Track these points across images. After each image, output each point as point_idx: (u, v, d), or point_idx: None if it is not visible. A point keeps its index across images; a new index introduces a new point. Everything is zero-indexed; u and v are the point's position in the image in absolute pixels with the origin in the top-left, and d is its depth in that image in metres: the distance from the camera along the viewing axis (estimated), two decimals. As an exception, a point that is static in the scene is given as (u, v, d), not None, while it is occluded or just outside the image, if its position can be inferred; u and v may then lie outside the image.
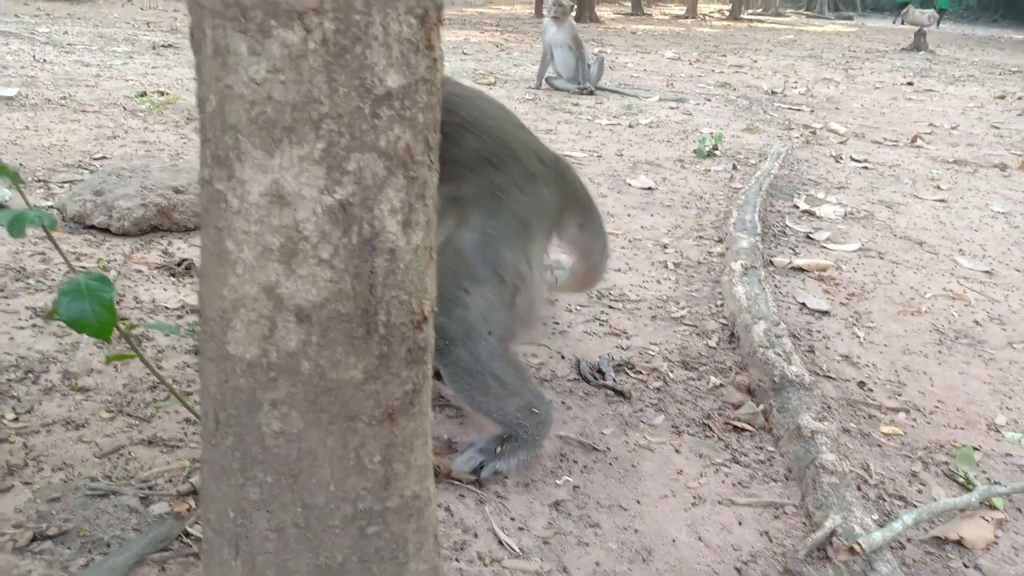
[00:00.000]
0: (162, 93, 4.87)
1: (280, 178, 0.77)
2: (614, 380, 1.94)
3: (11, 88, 4.55)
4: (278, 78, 0.74)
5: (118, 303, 2.13)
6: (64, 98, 4.52)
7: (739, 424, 1.76)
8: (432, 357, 0.92)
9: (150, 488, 1.39)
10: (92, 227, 2.61)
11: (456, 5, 20.52)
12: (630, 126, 5.43)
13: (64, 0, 11.20)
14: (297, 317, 0.80)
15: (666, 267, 2.79)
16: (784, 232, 3.31)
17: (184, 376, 1.79)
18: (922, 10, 21.02)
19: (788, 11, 33.22)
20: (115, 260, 2.40)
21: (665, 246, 3.01)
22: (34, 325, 1.96)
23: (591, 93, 6.71)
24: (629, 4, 25.38)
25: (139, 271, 2.35)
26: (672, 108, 6.32)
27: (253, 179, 0.77)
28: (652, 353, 2.13)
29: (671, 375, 2.01)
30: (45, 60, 5.76)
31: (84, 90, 4.81)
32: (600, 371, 1.99)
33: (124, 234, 2.59)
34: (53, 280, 2.21)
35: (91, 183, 2.70)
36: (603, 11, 22.43)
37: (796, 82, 8.99)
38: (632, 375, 1.99)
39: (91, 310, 0.90)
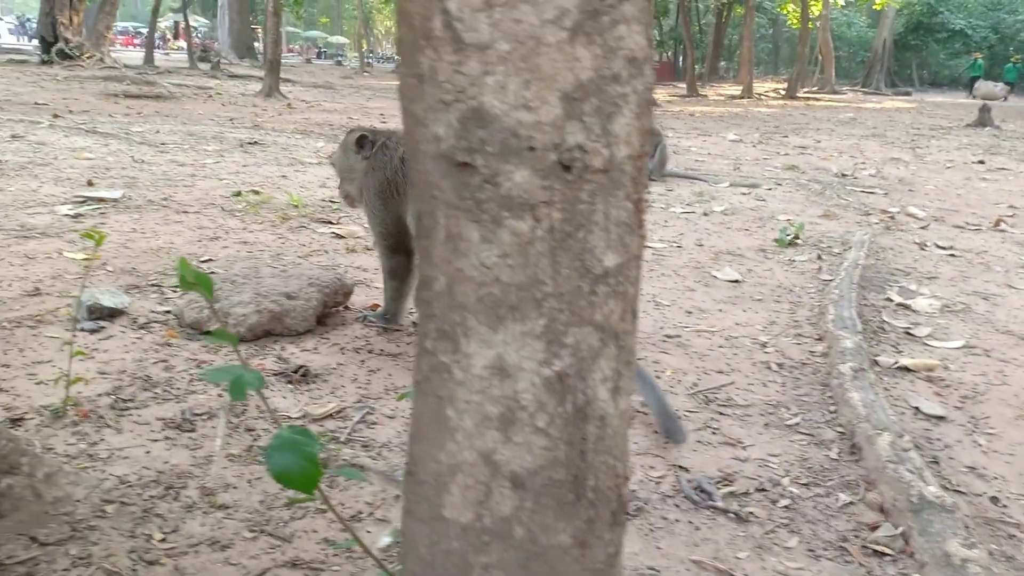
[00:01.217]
0: (256, 192, 5.12)
1: (503, 352, 0.81)
2: (721, 500, 1.90)
3: (116, 190, 4.84)
4: (507, 262, 0.79)
5: (242, 414, 2.20)
6: (165, 199, 4.78)
7: (879, 548, 1.71)
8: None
9: (303, 617, 1.41)
10: (208, 333, 2.72)
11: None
12: (705, 214, 5.47)
13: (151, 98, 11.94)
14: (512, 483, 0.83)
15: (769, 368, 2.76)
16: (883, 328, 3.25)
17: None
18: (993, 82, 20.83)
19: (844, 88, 33.33)
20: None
21: (764, 344, 2.99)
22: (167, 437, 2.04)
23: (656, 180, 6.80)
24: (684, 86, 25.84)
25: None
26: (744, 194, 6.35)
27: (478, 353, 0.81)
28: (772, 465, 2.09)
29: (796, 491, 1.97)
30: (143, 161, 6.12)
31: (182, 190, 5.09)
32: (704, 490, 1.95)
33: (240, 340, 2.69)
34: (179, 389, 2.30)
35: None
36: (657, 93, 22.85)
37: (864, 163, 8.96)
38: (756, 492, 1.96)
39: (297, 465, 0.95)
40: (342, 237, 4.25)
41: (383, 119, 11.47)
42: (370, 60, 35.03)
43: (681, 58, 39.27)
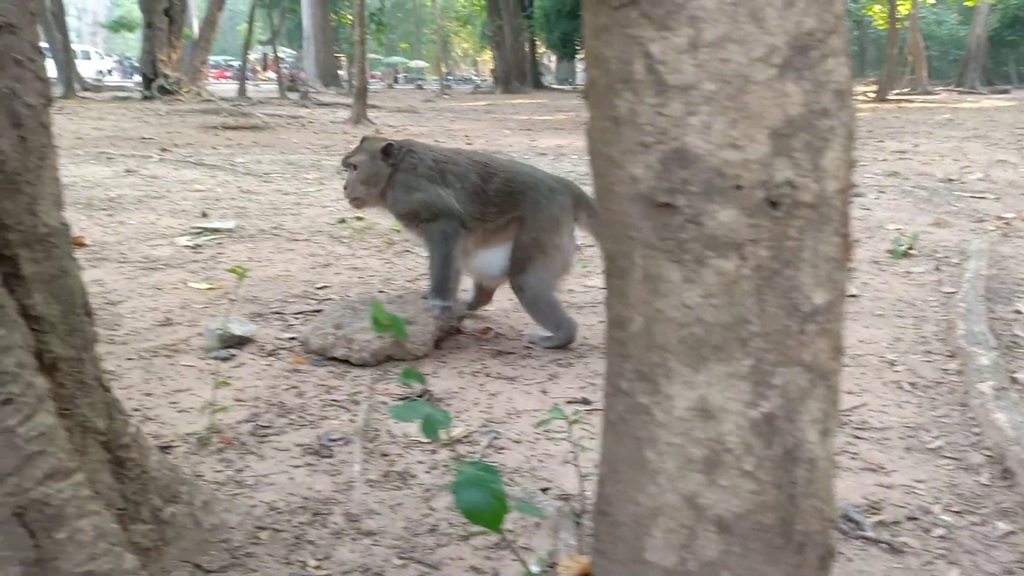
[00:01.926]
0: (359, 218, 5.27)
1: (707, 393, 0.80)
2: (871, 530, 1.82)
3: (229, 220, 5.06)
4: (710, 302, 0.78)
5: (375, 439, 2.25)
6: (275, 228, 4.97)
7: (1052, 583, 1.60)
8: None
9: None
10: (333, 359, 2.80)
11: (566, 111, 21.13)
12: (808, 225, 5.30)
13: (248, 129, 12.47)
14: (718, 527, 0.81)
15: (901, 388, 2.65)
16: (1016, 343, 3.07)
17: (457, 518, 1.85)
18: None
19: (937, 88, 31.92)
20: (361, 391, 2.56)
21: (892, 363, 2.86)
22: (307, 464, 2.10)
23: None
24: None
25: (384, 403, 2.49)
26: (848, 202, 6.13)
27: (680, 394, 0.80)
28: (920, 492, 2.00)
29: (950, 520, 1.87)
30: (249, 191, 6.38)
31: (290, 218, 5.28)
32: (852, 519, 1.87)
33: (363, 365, 2.77)
34: (312, 415, 2.38)
35: (331, 317, 2.92)
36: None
37: (969, 166, 8.53)
38: (907, 520, 1.87)
39: (484, 501, 0.96)
40: (445, 260, 4.31)
41: (468, 140, 11.64)
42: (449, 83, 35.69)
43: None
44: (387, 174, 3.09)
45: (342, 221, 5.17)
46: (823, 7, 0.73)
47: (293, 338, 3.02)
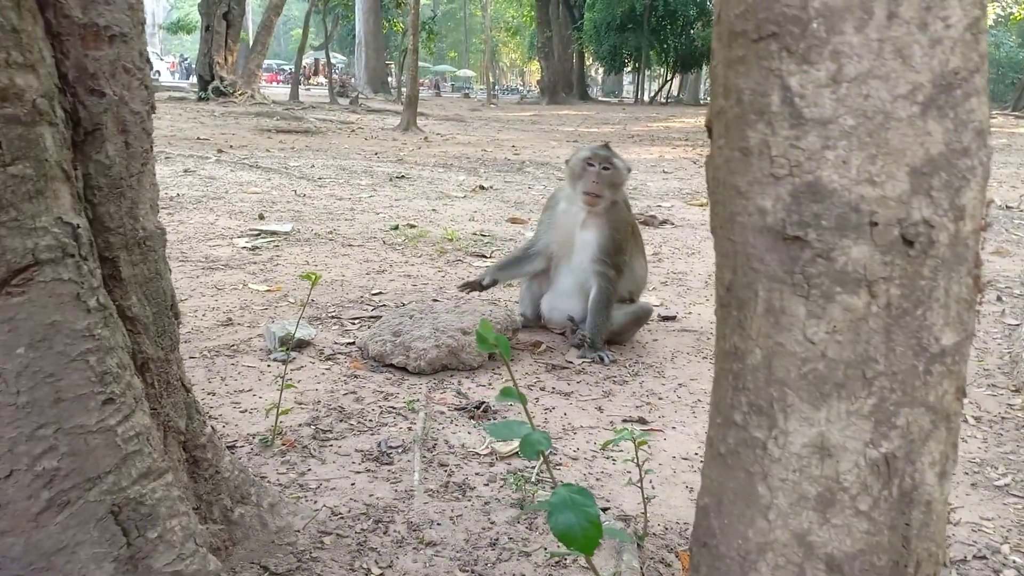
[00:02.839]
0: (411, 226, 5.31)
1: (825, 431, 0.78)
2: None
3: (286, 224, 5.14)
4: (835, 338, 0.77)
5: (433, 448, 2.26)
6: (330, 232, 5.04)
7: None
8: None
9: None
10: (390, 366, 2.83)
11: (641, 120, 21.10)
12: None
13: (300, 133, 12.68)
14: (828, 566, 0.80)
15: (966, 422, 2.58)
16: (1089, 381, 2.98)
17: (517, 533, 1.84)
18: None
19: (994, 112, 31.12)
20: (418, 400, 2.57)
21: (957, 398, 2.80)
22: (367, 470, 2.12)
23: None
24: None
25: (441, 412, 2.50)
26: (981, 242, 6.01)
27: (797, 431, 0.79)
28: (987, 530, 1.94)
29: (1020, 560, 1.81)
30: (304, 195, 6.48)
31: (344, 224, 5.34)
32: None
33: (419, 373, 2.78)
34: (371, 421, 2.40)
35: (389, 325, 2.95)
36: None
37: (1031, 194, 8.31)
38: (974, 559, 1.82)
39: (579, 525, 0.96)
40: (497, 271, 4.32)
41: (515, 151, 11.68)
42: (495, 92, 35.88)
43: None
44: (620, 193, 3.14)
45: (395, 228, 5.22)
46: (968, 46, 0.72)
47: (351, 343, 3.05)
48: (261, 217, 5.38)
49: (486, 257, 4.63)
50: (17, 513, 1.14)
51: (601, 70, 43.73)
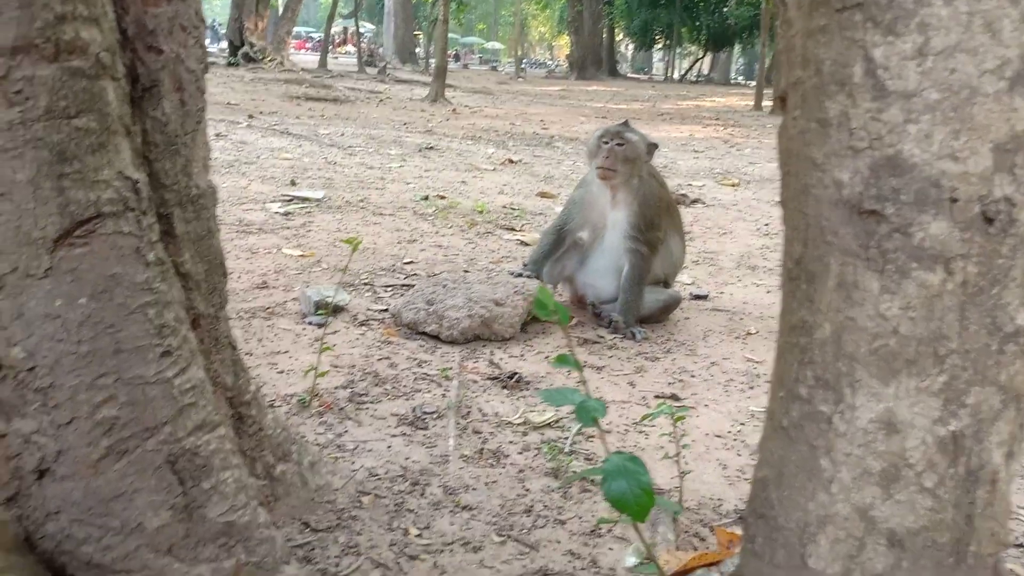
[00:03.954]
0: (441, 197, 5.32)
1: (894, 407, 0.78)
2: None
3: (318, 191, 5.17)
4: (908, 315, 0.77)
5: (467, 415, 2.28)
6: (361, 201, 5.06)
7: None
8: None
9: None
10: (423, 334, 2.85)
11: (671, 98, 20.87)
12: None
13: (329, 101, 12.68)
14: (889, 541, 0.81)
15: None
16: None
17: (552, 501, 1.86)
18: None
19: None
20: (451, 368, 2.59)
21: None
22: (403, 434, 2.14)
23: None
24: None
25: (474, 381, 2.52)
26: None
27: (864, 406, 0.79)
28: (1026, 522, 1.93)
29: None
30: (335, 162, 6.50)
31: (375, 192, 5.36)
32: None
33: (452, 342, 2.80)
34: (406, 387, 2.42)
35: (422, 293, 2.97)
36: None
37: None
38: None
39: (632, 492, 0.97)
40: (527, 244, 4.33)
41: (543, 125, 11.62)
42: (524, 66, 35.60)
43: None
44: (640, 169, 3.11)
45: (425, 199, 5.23)
46: (1063, 21, 0.71)
47: (383, 310, 3.07)
48: (293, 183, 5.41)
49: (516, 230, 4.63)
50: (78, 459, 1.17)
51: (631, 46, 43.22)
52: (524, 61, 38.14)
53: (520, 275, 3.22)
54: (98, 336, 1.18)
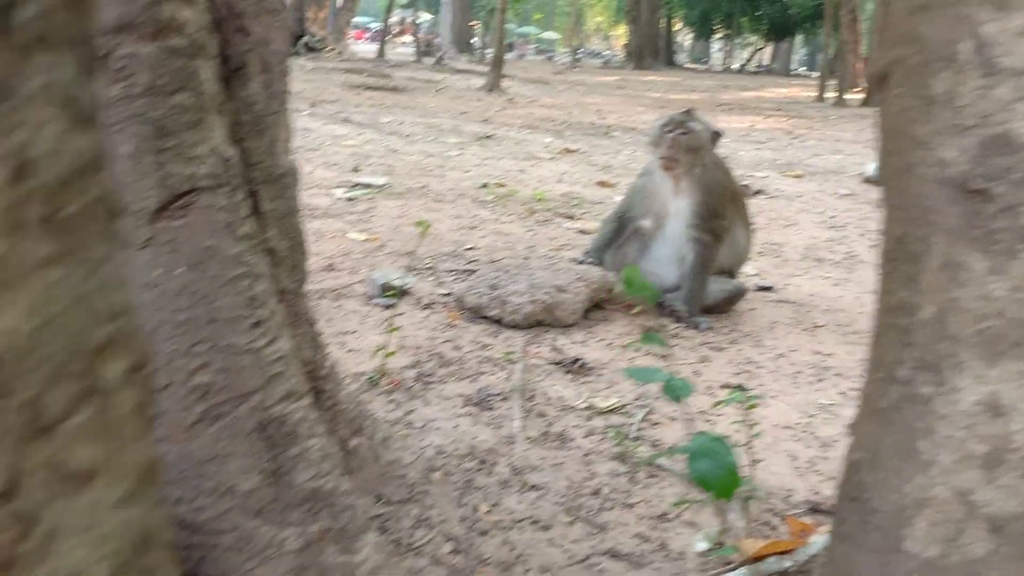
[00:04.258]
0: (500, 185, 5.34)
1: (998, 390, 0.77)
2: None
3: (380, 177, 5.24)
4: (1016, 296, 0.75)
5: (531, 399, 2.30)
6: (422, 187, 5.11)
7: None
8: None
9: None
10: (486, 318, 2.88)
11: (731, 89, 20.51)
12: None
13: (388, 90, 12.81)
14: (990, 526, 0.79)
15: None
16: None
17: (619, 484, 1.87)
18: None
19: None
20: (514, 352, 2.61)
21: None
22: (469, 414, 2.18)
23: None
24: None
25: (536, 365, 2.54)
26: None
27: (967, 388, 0.78)
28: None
29: None
30: (395, 150, 6.58)
31: (435, 180, 5.41)
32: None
33: (514, 327, 2.83)
34: (470, 369, 2.45)
35: (485, 278, 3.00)
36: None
37: None
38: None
39: (717, 472, 0.97)
40: (587, 233, 4.32)
41: (600, 115, 11.55)
42: (579, 56, 35.37)
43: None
44: (703, 157, 3.08)
45: (484, 186, 5.26)
46: None
47: (446, 294, 3.11)
48: (356, 170, 5.49)
49: (574, 219, 4.63)
50: (173, 423, 1.23)
51: (689, 36, 42.57)
52: (580, 51, 37.91)
53: (582, 262, 3.22)
54: (194, 305, 1.23)
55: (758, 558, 1.54)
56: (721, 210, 3.07)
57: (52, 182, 0.56)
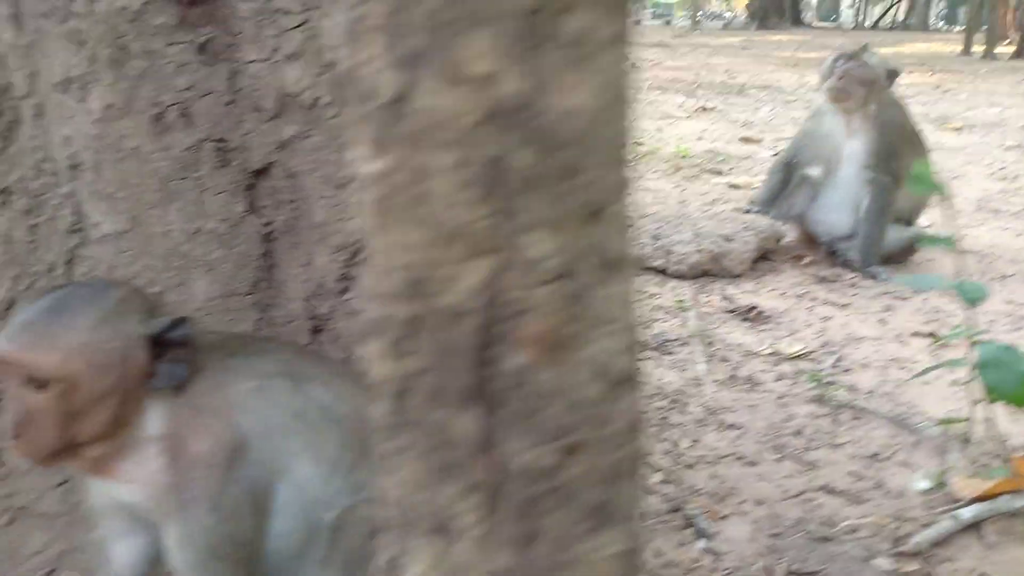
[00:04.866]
0: (639, 143, 5.26)
1: None
2: None
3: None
4: None
5: (710, 344, 2.27)
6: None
7: None
8: None
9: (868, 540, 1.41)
10: (650, 268, 2.85)
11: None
12: None
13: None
14: None
15: None
16: None
17: (822, 426, 1.82)
18: None
19: None
20: (685, 300, 2.58)
21: None
22: (650, 357, 2.17)
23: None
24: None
25: (709, 313, 2.50)
26: None
27: None
28: None
29: None
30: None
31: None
32: None
33: (680, 276, 2.78)
34: (641, 315, 2.44)
35: (648, 228, 2.96)
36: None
37: None
38: None
39: (1011, 380, 0.92)
40: (738, 187, 4.20)
41: (730, 75, 11.17)
42: (699, 18, 34.23)
43: None
44: (878, 95, 2.95)
45: (626, 144, 5.19)
46: None
47: (608, 246, 3.09)
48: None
49: (723, 174, 4.50)
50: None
51: (816, -8, 40.29)
52: (699, 13, 36.66)
53: (748, 212, 3.13)
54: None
55: (986, 496, 1.46)
56: (900, 150, 2.90)
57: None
